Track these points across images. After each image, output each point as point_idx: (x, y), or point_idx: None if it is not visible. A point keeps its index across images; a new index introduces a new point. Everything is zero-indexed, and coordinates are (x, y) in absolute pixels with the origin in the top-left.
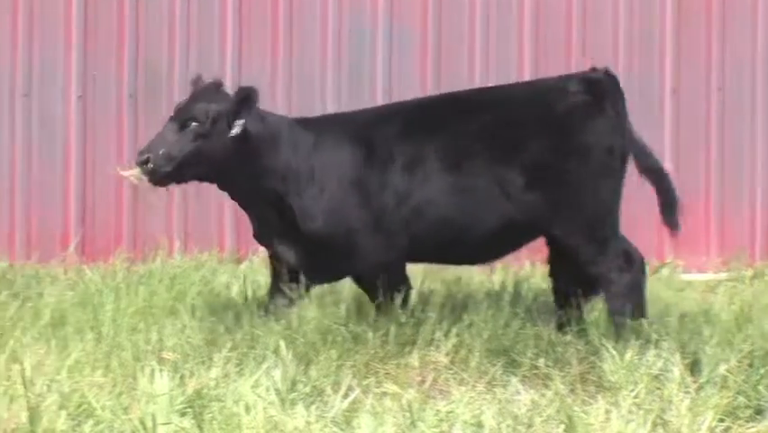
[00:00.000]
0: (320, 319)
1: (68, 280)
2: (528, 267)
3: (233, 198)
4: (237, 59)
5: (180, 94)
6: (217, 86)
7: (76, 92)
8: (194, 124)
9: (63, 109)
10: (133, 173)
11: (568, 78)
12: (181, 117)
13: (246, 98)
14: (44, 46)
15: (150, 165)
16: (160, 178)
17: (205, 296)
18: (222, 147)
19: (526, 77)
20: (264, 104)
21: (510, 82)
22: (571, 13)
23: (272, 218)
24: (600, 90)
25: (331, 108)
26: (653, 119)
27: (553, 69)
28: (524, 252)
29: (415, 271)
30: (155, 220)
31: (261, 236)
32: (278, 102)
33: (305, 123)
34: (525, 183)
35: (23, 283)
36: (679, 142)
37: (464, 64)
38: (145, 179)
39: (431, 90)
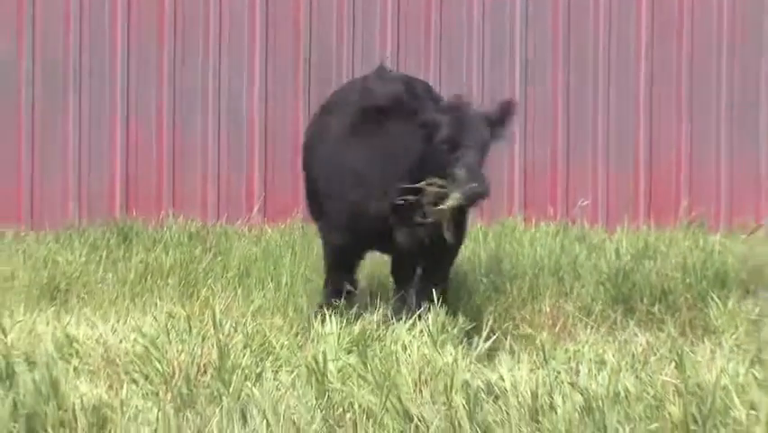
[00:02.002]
0: (466, 272)
1: (252, 238)
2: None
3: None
4: (396, 40)
5: (346, 69)
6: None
7: (260, 68)
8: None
9: (248, 83)
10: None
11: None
12: (478, 144)
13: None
14: (233, 29)
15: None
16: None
17: None
18: None
19: (643, 53)
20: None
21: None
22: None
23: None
24: None
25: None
26: None
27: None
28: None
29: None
30: None
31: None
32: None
33: None
34: None
35: (214, 240)
36: None
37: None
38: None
39: (562, 66)
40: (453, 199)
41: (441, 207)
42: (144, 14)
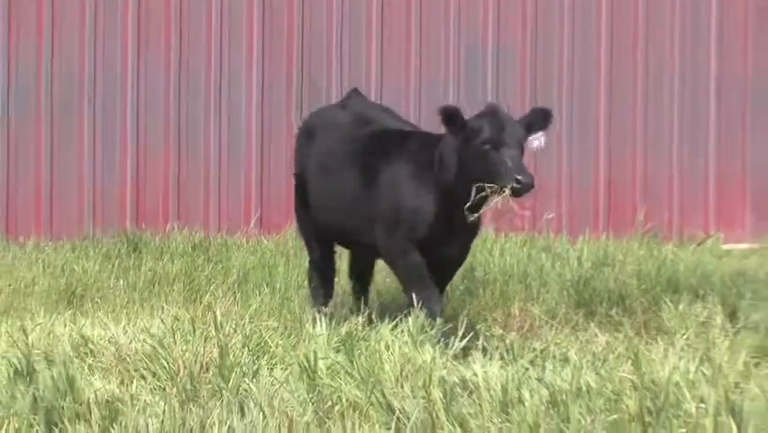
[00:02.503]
0: None
1: (249, 248)
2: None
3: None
4: (380, 71)
5: (336, 101)
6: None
7: (256, 99)
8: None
9: (246, 112)
10: (505, 197)
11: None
12: (517, 143)
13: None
14: (232, 61)
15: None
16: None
17: None
18: None
19: (602, 89)
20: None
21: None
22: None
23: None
24: None
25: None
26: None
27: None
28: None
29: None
30: None
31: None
32: (410, 103)
33: None
34: None
35: (216, 250)
36: (720, 141)
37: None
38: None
39: (529, 97)
40: (504, 192)
41: (495, 201)
42: (152, 46)
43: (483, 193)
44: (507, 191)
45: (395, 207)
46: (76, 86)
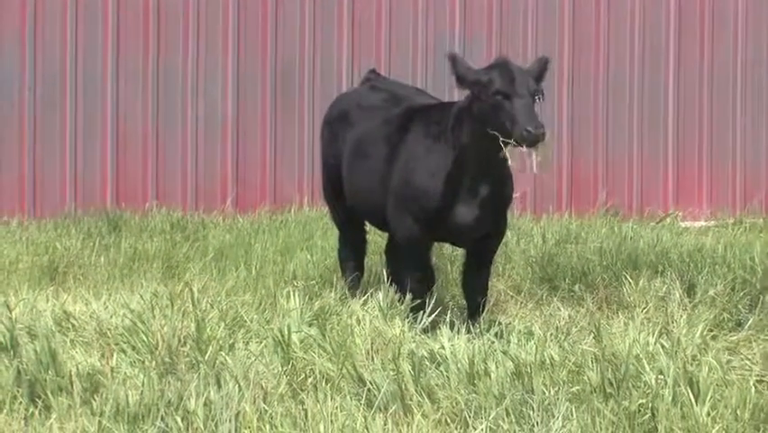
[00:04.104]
0: None
1: (226, 226)
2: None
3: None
4: (351, 57)
5: (308, 89)
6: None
7: (232, 85)
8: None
9: (222, 97)
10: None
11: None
12: (528, 93)
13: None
14: (208, 53)
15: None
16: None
17: (328, 238)
18: None
19: (565, 75)
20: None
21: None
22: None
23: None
24: None
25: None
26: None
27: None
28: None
29: None
30: (290, 182)
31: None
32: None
33: None
34: None
35: (193, 228)
36: (678, 124)
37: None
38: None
39: None
40: (517, 140)
41: (512, 149)
42: (131, 31)
43: (502, 143)
44: (519, 138)
45: (403, 185)
46: (58, 73)
